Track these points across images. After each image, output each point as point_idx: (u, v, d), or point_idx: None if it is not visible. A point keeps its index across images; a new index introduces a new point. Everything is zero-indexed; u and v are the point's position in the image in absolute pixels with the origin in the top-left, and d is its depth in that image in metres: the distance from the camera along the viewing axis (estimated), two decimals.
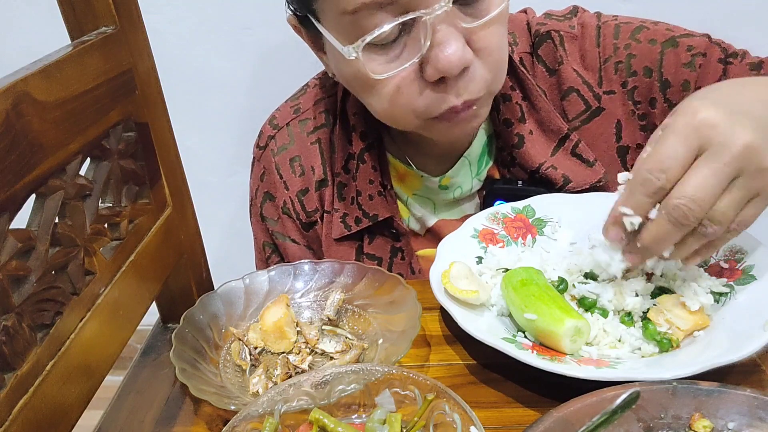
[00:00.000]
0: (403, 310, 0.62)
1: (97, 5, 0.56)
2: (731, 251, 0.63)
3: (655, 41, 0.76)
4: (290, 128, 0.86)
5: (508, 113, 0.79)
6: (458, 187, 0.83)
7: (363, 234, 0.83)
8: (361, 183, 0.82)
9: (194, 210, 0.72)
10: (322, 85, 0.88)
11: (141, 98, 0.61)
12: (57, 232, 0.49)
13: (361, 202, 0.82)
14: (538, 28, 0.80)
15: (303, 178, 0.85)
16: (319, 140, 0.85)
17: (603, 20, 0.79)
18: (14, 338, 0.43)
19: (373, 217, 0.81)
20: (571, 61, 0.78)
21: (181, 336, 0.60)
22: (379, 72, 0.66)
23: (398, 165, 0.84)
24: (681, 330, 0.57)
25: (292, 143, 0.86)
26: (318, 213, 0.85)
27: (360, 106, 0.80)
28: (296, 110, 0.87)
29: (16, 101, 0.44)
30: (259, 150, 0.88)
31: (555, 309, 0.58)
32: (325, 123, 0.85)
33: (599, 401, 0.47)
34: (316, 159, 0.84)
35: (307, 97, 0.88)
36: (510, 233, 0.72)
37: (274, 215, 0.87)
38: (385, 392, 0.49)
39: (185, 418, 0.58)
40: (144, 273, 0.61)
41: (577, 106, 0.79)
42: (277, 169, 0.85)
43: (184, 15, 1.31)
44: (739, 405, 0.47)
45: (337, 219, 0.83)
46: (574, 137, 0.78)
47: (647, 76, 0.76)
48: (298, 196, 0.85)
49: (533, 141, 0.79)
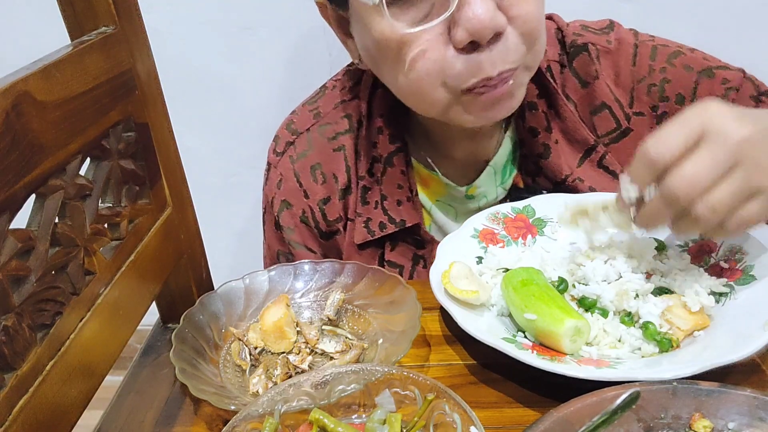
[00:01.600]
0: (403, 310, 0.62)
1: (97, 5, 0.56)
2: (731, 251, 0.63)
3: (692, 69, 0.75)
4: (310, 134, 0.83)
5: (534, 121, 0.77)
6: (483, 197, 0.82)
7: (385, 241, 0.81)
8: (387, 187, 0.79)
9: (194, 210, 0.72)
10: (342, 87, 0.85)
11: (141, 98, 0.61)
12: (57, 232, 0.49)
13: (387, 207, 0.79)
14: (574, 38, 0.78)
15: (325, 186, 0.82)
16: (342, 146, 0.81)
17: (640, 39, 0.78)
18: (14, 338, 0.43)
19: (401, 223, 0.78)
20: (605, 77, 0.77)
21: (181, 336, 0.60)
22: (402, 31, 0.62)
23: (422, 170, 0.83)
24: (681, 330, 0.57)
25: (313, 150, 0.82)
26: (341, 222, 0.83)
27: (387, 106, 0.78)
28: (316, 114, 0.84)
29: (16, 101, 0.44)
30: (276, 156, 0.84)
31: (555, 309, 0.58)
32: (349, 128, 0.82)
33: (599, 401, 0.47)
34: (340, 166, 0.81)
35: (326, 100, 0.85)
36: (510, 233, 0.72)
37: (290, 224, 0.84)
38: (385, 392, 0.49)
39: (185, 418, 0.58)
40: (144, 273, 0.61)
41: (608, 124, 0.77)
42: (297, 177, 0.82)
43: (184, 15, 1.31)
44: (739, 405, 0.47)
45: (360, 224, 0.80)
46: (600, 149, 0.77)
47: (679, 104, 0.75)
48: (319, 204, 0.82)
49: (559, 151, 0.77)
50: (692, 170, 0.52)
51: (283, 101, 1.39)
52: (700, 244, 0.66)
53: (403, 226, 0.78)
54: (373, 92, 0.81)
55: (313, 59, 1.33)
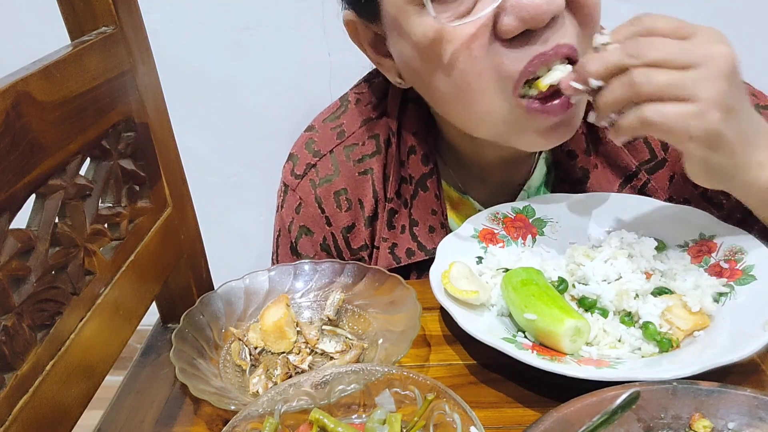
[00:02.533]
0: (403, 310, 0.62)
1: (97, 5, 0.56)
2: (731, 251, 0.63)
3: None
4: (334, 156, 0.76)
5: (573, 144, 0.73)
6: None
7: (411, 269, 0.76)
8: (418, 212, 0.75)
9: (194, 210, 0.72)
10: (367, 102, 0.78)
11: (141, 98, 0.61)
12: (57, 232, 0.49)
13: (417, 233, 0.74)
14: None
15: (350, 213, 0.76)
16: (370, 170, 0.75)
17: None
18: (14, 338, 0.43)
19: (431, 251, 0.72)
20: None
21: (181, 336, 0.60)
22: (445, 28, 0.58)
23: (452, 193, 0.78)
24: (681, 330, 0.57)
25: (338, 174, 0.76)
26: (366, 250, 0.77)
27: (419, 123, 0.74)
28: (340, 134, 0.77)
29: (16, 101, 0.44)
30: (296, 179, 0.77)
31: (555, 309, 0.58)
32: (377, 150, 0.75)
33: (599, 401, 0.47)
34: (367, 192, 0.75)
35: (350, 117, 0.78)
36: (510, 233, 0.72)
37: (310, 251, 0.78)
38: (385, 392, 0.49)
39: (185, 418, 0.58)
40: (144, 273, 0.61)
41: (642, 154, 0.74)
42: (318, 203, 0.76)
43: (184, 15, 1.31)
44: (739, 405, 0.47)
45: (385, 249, 0.75)
46: (643, 176, 0.73)
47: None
48: (342, 232, 0.76)
49: (598, 176, 0.74)
50: (661, 43, 0.52)
51: (282, 101, 1.40)
52: (700, 244, 0.66)
53: (434, 254, 0.68)
54: (402, 108, 0.76)
55: (313, 59, 1.33)
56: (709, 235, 0.65)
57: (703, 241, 0.66)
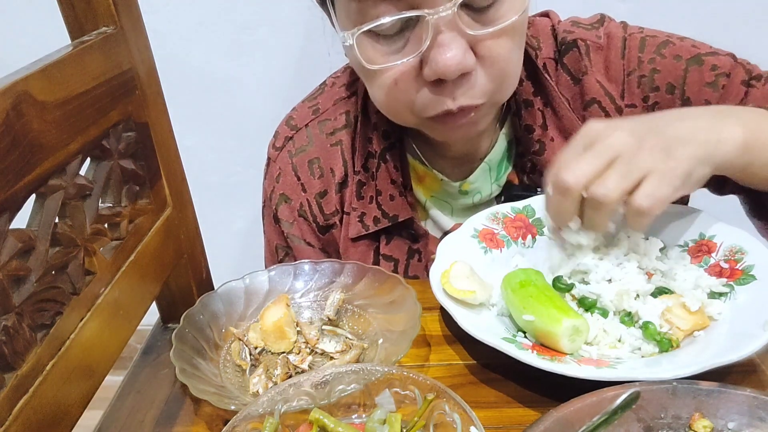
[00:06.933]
0: (403, 310, 0.62)
1: (97, 5, 0.56)
2: (731, 251, 0.63)
3: (680, 57, 0.75)
4: (309, 129, 0.85)
5: (530, 119, 0.78)
6: (477, 192, 0.83)
7: (380, 234, 0.83)
8: (381, 183, 0.81)
9: (194, 210, 0.72)
10: (341, 84, 0.87)
11: (141, 98, 0.61)
12: (57, 232, 0.49)
13: (381, 202, 0.81)
14: (564, 35, 0.79)
15: (322, 180, 0.84)
16: (340, 141, 0.83)
17: (629, 32, 0.78)
18: (14, 338, 0.43)
19: (393, 218, 0.81)
20: (595, 72, 0.77)
21: (181, 336, 0.60)
22: (376, 62, 0.65)
23: (417, 166, 0.84)
24: (681, 330, 0.57)
25: (311, 145, 0.84)
26: (337, 216, 0.84)
27: None
28: (315, 111, 0.86)
29: (16, 101, 0.44)
30: (276, 151, 0.86)
31: (552, 309, 0.58)
32: (347, 124, 0.84)
33: (599, 401, 0.47)
34: (337, 161, 0.83)
35: (325, 97, 0.87)
36: (510, 233, 0.72)
37: (289, 218, 0.85)
38: (385, 392, 0.49)
39: (185, 418, 0.58)
40: (144, 273, 0.61)
41: (599, 118, 0.77)
42: (295, 171, 0.84)
43: (184, 15, 1.31)
44: (739, 405, 0.47)
45: (355, 218, 0.82)
46: None
47: (669, 93, 0.76)
48: (316, 198, 0.84)
49: (554, 148, 0.78)
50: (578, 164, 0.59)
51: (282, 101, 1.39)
52: (700, 244, 0.66)
53: (396, 221, 0.80)
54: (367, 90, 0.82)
55: (313, 59, 1.33)
56: (709, 235, 0.65)
57: (703, 241, 0.66)
